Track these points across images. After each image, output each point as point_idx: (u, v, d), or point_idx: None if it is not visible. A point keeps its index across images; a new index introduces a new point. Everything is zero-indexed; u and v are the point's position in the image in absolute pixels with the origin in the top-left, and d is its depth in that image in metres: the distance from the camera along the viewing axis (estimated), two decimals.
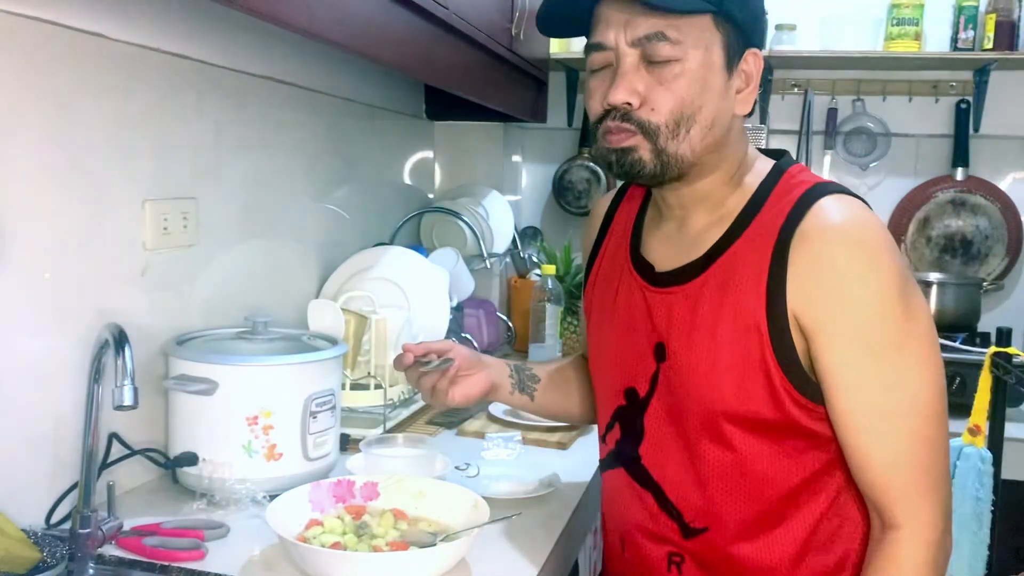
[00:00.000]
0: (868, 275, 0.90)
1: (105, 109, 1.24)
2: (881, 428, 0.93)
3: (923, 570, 0.93)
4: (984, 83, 2.46)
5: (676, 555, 1.04)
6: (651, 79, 0.94)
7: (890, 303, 0.90)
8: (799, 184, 0.97)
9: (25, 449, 1.14)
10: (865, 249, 0.90)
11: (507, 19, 1.98)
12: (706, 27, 0.93)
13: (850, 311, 0.90)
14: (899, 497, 0.93)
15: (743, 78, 0.98)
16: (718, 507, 1.00)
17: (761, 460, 0.97)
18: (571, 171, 2.76)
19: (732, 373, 0.95)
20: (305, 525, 1.14)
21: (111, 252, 1.27)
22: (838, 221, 0.91)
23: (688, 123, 0.94)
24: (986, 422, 1.57)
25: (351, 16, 1.25)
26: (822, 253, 0.90)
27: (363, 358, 1.70)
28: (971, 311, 2.31)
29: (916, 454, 0.93)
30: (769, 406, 0.94)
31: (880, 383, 0.92)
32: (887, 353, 0.91)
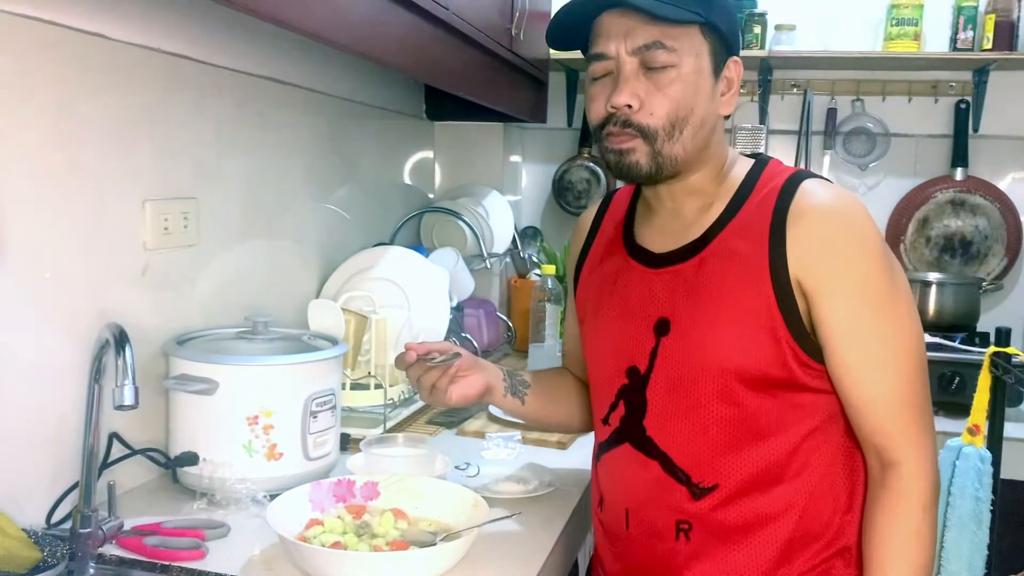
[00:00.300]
0: (858, 240, 1.03)
1: (105, 109, 1.24)
2: (879, 377, 1.03)
3: (925, 499, 1.04)
4: (983, 83, 2.46)
5: (684, 523, 1.09)
6: (649, 84, 1.04)
7: (877, 262, 1.03)
8: (780, 173, 1.10)
9: (26, 449, 1.14)
10: (853, 220, 1.04)
11: (507, 19, 1.98)
12: (696, 36, 1.04)
13: (846, 270, 1.02)
14: (899, 437, 1.03)
15: (726, 83, 1.09)
16: (726, 463, 1.07)
17: (764, 416, 1.05)
18: (571, 171, 2.77)
19: (741, 334, 1.04)
20: (305, 525, 1.14)
21: (111, 252, 1.27)
22: (828, 198, 1.04)
23: (682, 124, 1.05)
24: (985, 422, 1.57)
25: (351, 16, 1.26)
26: (819, 224, 1.03)
27: (363, 358, 1.70)
28: (970, 311, 2.31)
29: (910, 397, 1.04)
30: (775, 364, 1.04)
31: (877, 335, 1.03)
32: (880, 305, 1.03)
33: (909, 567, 1.03)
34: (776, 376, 1.04)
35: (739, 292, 1.04)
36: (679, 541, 1.09)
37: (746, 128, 2.59)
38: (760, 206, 1.06)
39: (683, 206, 1.12)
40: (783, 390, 1.05)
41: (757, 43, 2.49)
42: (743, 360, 1.04)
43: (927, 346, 1.08)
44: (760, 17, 2.50)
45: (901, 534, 1.04)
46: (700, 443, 1.07)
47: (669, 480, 1.09)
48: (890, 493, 1.04)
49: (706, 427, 1.07)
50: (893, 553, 1.03)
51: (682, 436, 1.08)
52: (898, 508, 1.04)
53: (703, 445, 1.07)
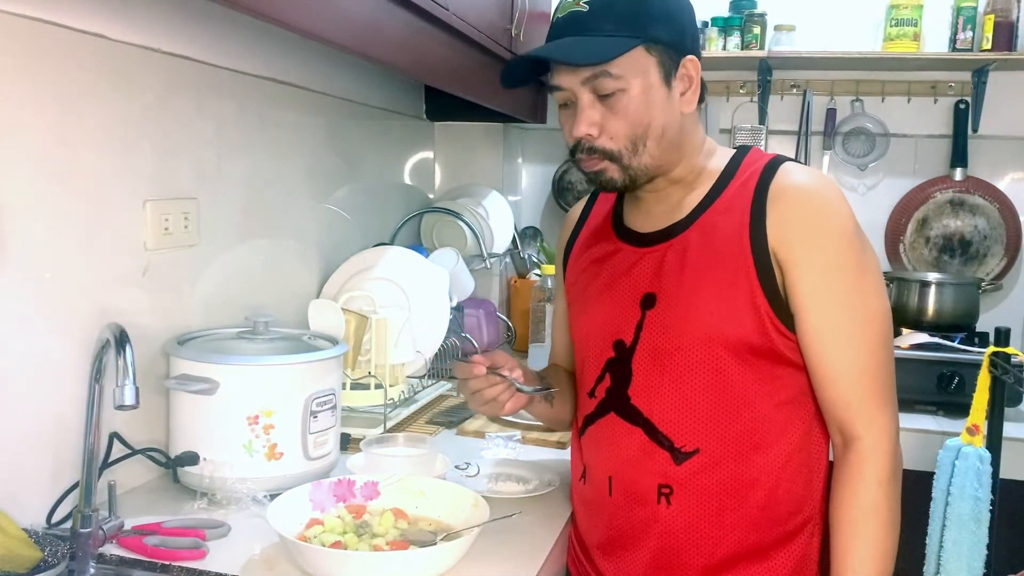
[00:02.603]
0: (831, 216, 1.09)
1: (106, 109, 1.24)
2: (844, 345, 1.09)
3: (881, 474, 1.08)
4: (983, 84, 2.46)
5: (666, 487, 1.14)
6: (605, 110, 1.10)
7: (849, 239, 1.09)
8: (760, 158, 1.17)
9: (26, 449, 1.14)
10: (828, 198, 1.11)
11: (507, 20, 1.98)
12: (639, 57, 1.09)
13: (818, 242, 1.08)
14: (859, 409, 1.09)
15: (685, 82, 1.13)
16: (707, 429, 1.12)
17: (744, 383, 1.11)
18: (571, 171, 2.77)
19: (722, 303, 1.10)
20: (306, 524, 1.14)
21: (112, 252, 1.27)
22: (806, 178, 1.12)
23: (643, 139, 1.11)
24: (984, 422, 1.57)
25: (351, 17, 1.26)
26: (796, 200, 1.10)
27: (363, 358, 1.70)
28: (970, 311, 2.31)
29: (873, 370, 1.09)
30: (755, 332, 1.10)
31: (844, 304, 1.09)
32: (848, 278, 1.09)
33: (867, 542, 1.07)
34: (755, 344, 1.10)
35: (721, 264, 1.10)
36: (660, 504, 1.14)
37: (745, 128, 2.59)
38: (742, 187, 1.13)
39: (668, 193, 1.19)
40: (762, 359, 1.11)
41: (757, 43, 2.49)
42: (724, 328, 1.10)
43: (926, 346, 1.10)
44: (760, 17, 2.51)
45: (859, 509, 1.08)
46: (682, 409, 1.13)
47: (652, 445, 1.14)
48: (849, 468, 1.09)
49: (688, 394, 1.12)
50: (852, 528, 1.08)
51: (665, 403, 1.13)
52: (856, 484, 1.08)
53: (685, 411, 1.12)
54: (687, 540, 1.13)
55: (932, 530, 1.56)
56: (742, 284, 1.09)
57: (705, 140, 1.20)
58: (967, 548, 1.52)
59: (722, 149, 1.21)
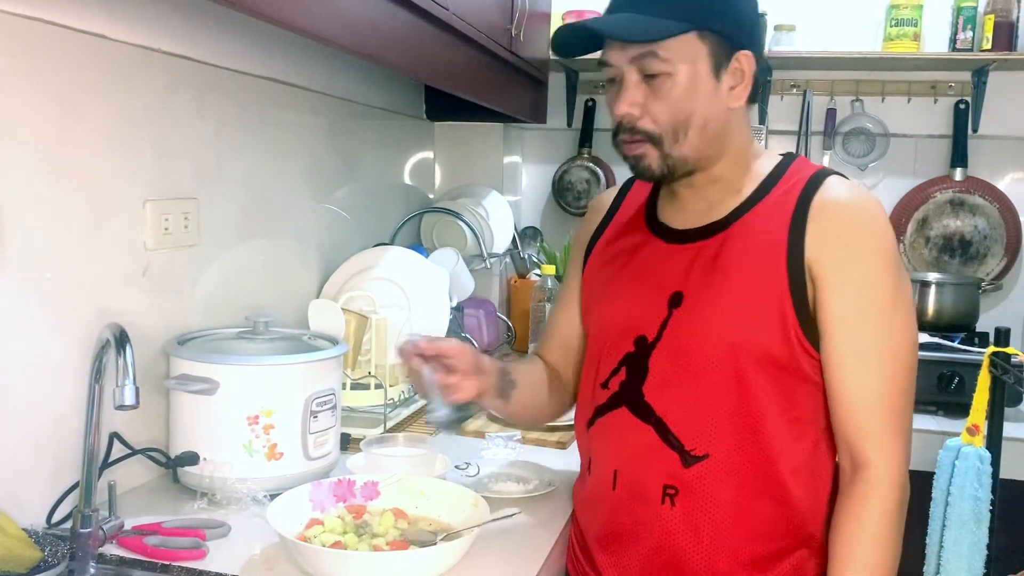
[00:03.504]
0: (874, 238, 1.08)
1: (106, 109, 1.24)
2: (868, 370, 1.07)
3: (888, 504, 1.07)
4: (983, 84, 2.47)
5: (671, 487, 1.12)
6: (649, 91, 1.09)
7: (888, 263, 1.08)
8: (806, 168, 1.15)
9: (26, 449, 1.14)
10: (872, 218, 1.09)
11: (507, 19, 1.98)
12: (691, 43, 1.07)
13: (856, 262, 1.07)
14: (872, 436, 1.07)
15: (737, 76, 1.11)
16: (719, 435, 1.10)
17: (762, 393, 1.09)
18: (571, 171, 2.77)
19: (750, 310, 1.09)
20: (306, 524, 1.14)
21: (112, 252, 1.27)
22: (851, 195, 1.11)
23: (684, 127, 1.09)
24: (984, 422, 1.57)
25: (351, 17, 1.26)
26: (839, 217, 1.08)
27: (363, 358, 1.70)
28: (970, 311, 2.31)
29: (892, 399, 1.08)
30: (779, 343, 1.08)
31: (874, 329, 1.07)
32: (881, 303, 1.07)
33: (866, 569, 1.05)
34: (778, 356, 1.08)
35: (754, 271, 1.09)
36: (664, 505, 1.12)
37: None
38: (785, 195, 1.12)
39: (707, 191, 1.16)
40: (782, 372, 1.09)
41: None
42: (749, 336, 1.08)
43: (926, 346, 1.10)
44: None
45: (861, 537, 1.06)
46: (696, 412, 1.11)
47: (662, 445, 1.12)
48: (855, 494, 1.07)
49: (704, 397, 1.10)
50: (852, 554, 1.06)
51: (679, 403, 1.12)
52: (861, 511, 1.06)
53: (699, 414, 1.11)
54: (687, 544, 1.12)
55: (932, 530, 1.56)
56: (773, 295, 1.08)
57: (752, 141, 1.18)
58: (967, 548, 1.52)
59: (769, 153, 1.19)
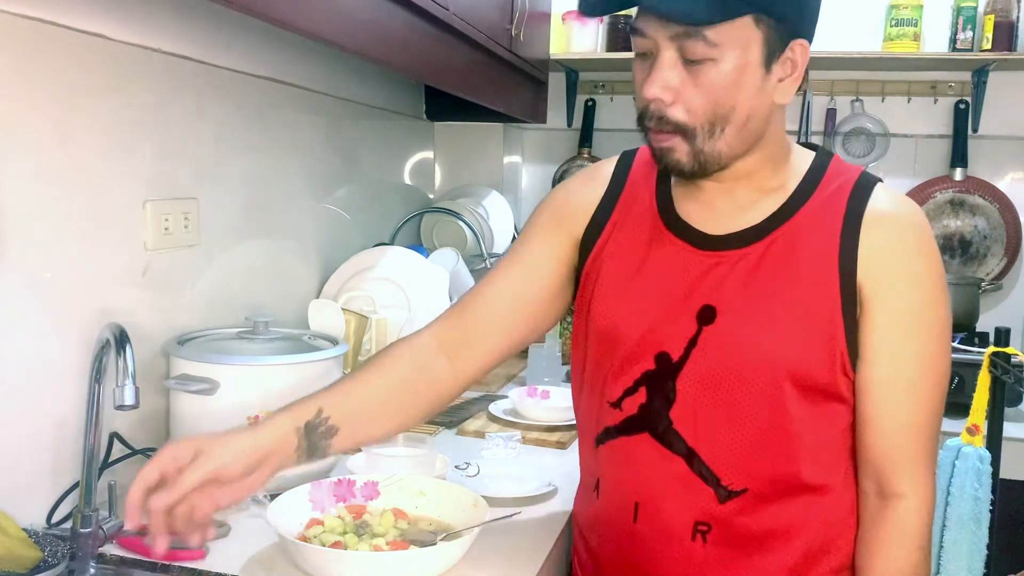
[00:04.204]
0: (929, 260, 1.00)
1: (106, 109, 1.24)
2: (907, 398, 1.00)
3: (922, 539, 1.02)
4: (983, 83, 2.47)
5: (703, 524, 1.03)
6: (687, 76, 0.93)
7: (939, 288, 1.01)
8: (847, 170, 1.04)
9: (26, 449, 1.14)
10: (927, 237, 1.01)
11: (507, 19, 1.98)
12: (746, 27, 0.92)
13: (911, 286, 0.99)
14: (907, 467, 1.01)
15: (788, 67, 0.97)
16: (759, 467, 1.01)
17: (801, 421, 1.01)
18: (571, 171, 2.76)
19: (797, 333, 0.99)
20: (306, 524, 1.14)
21: (112, 252, 1.27)
22: (905, 209, 1.02)
23: (723, 122, 0.95)
24: (984, 422, 1.57)
25: (351, 17, 1.26)
26: (895, 233, 0.99)
27: (363, 358, 1.70)
28: (970, 311, 2.31)
29: (927, 429, 1.02)
30: (823, 368, 0.99)
31: (920, 356, 1.00)
32: (926, 329, 1.00)
33: None
34: (820, 381, 1.00)
35: (802, 289, 0.99)
36: (695, 542, 1.03)
37: None
38: (830, 201, 1.01)
39: (735, 188, 1.03)
40: (821, 397, 1.01)
41: None
42: (795, 359, 0.99)
43: None
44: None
45: (894, 570, 1.01)
46: (735, 444, 1.01)
47: (694, 478, 1.02)
48: (888, 527, 1.01)
49: (743, 428, 1.00)
50: None
51: (716, 434, 1.01)
52: (897, 546, 1.01)
53: (738, 447, 1.01)
54: None
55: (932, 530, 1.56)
56: (823, 314, 0.98)
57: (785, 138, 1.05)
58: (967, 548, 1.52)
59: (797, 148, 1.07)
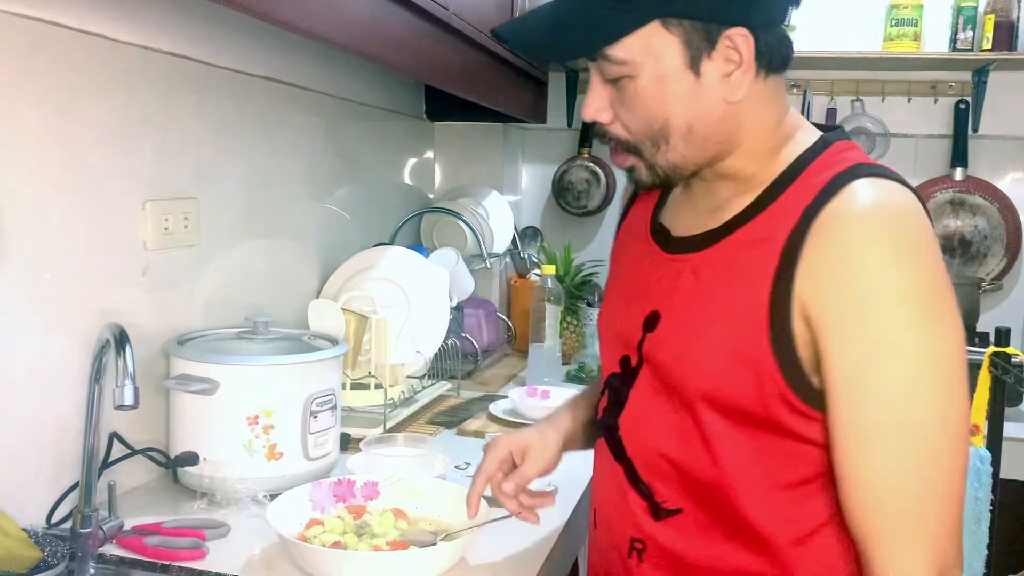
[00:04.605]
0: (885, 269, 0.77)
1: (105, 109, 1.24)
2: (873, 451, 0.79)
3: None
4: (983, 83, 2.47)
5: (639, 541, 0.94)
6: (616, 95, 0.87)
7: (906, 306, 0.77)
8: (840, 161, 0.85)
9: (26, 449, 1.14)
10: (887, 239, 0.78)
11: (507, 19, 1.98)
12: (653, 35, 0.83)
13: (859, 306, 0.78)
14: (879, 540, 0.79)
15: (730, 62, 0.84)
16: (690, 490, 0.90)
17: (738, 452, 0.86)
18: (571, 171, 2.77)
19: (721, 353, 0.85)
20: (306, 524, 1.14)
21: (112, 252, 1.27)
22: (863, 205, 0.80)
23: (663, 135, 0.86)
24: (985, 421, 1.57)
25: (351, 17, 1.26)
26: (836, 238, 0.79)
27: (363, 358, 1.70)
28: (970, 311, 2.31)
29: (909, 492, 0.78)
30: (749, 396, 0.84)
31: (882, 399, 0.78)
32: (896, 363, 0.78)
33: None
34: (750, 411, 0.84)
35: (733, 303, 0.85)
36: (631, 559, 0.95)
37: None
38: (795, 201, 0.84)
39: (716, 187, 0.93)
40: (761, 431, 0.85)
41: None
42: (714, 382, 0.86)
43: None
44: None
45: None
46: (665, 458, 0.91)
47: (631, 490, 0.95)
48: None
49: (675, 443, 0.90)
50: None
51: (650, 446, 0.93)
52: None
53: (668, 461, 0.91)
54: None
55: None
56: (747, 334, 0.83)
57: (783, 120, 0.90)
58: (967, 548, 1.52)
59: (806, 132, 0.90)
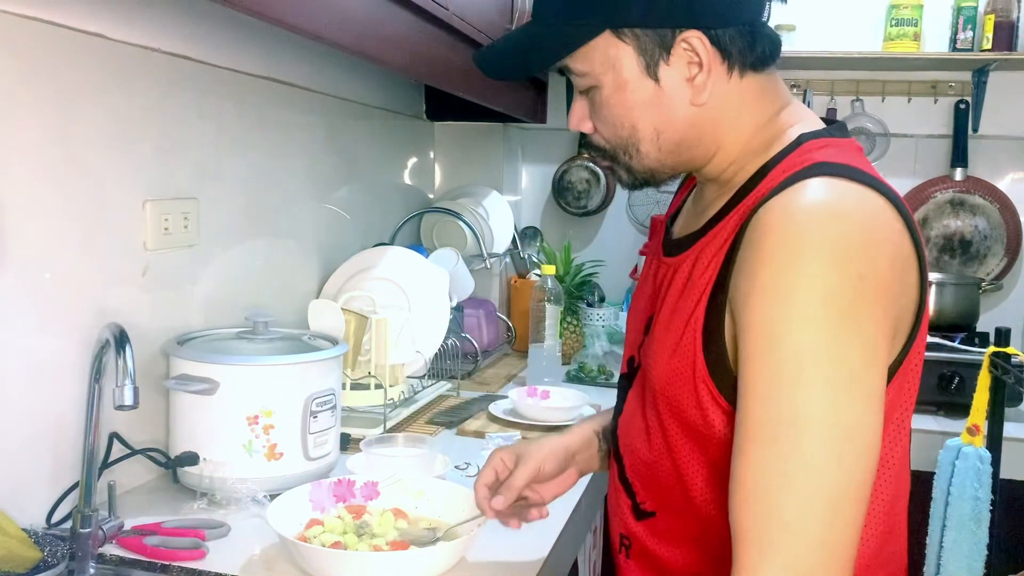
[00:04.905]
0: (792, 265, 0.74)
1: (105, 109, 1.24)
2: (745, 445, 0.75)
3: None
4: (983, 83, 2.47)
5: (626, 538, 0.99)
6: (591, 107, 0.91)
7: (804, 304, 0.73)
8: (805, 160, 0.82)
9: (26, 449, 1.14)
10: (805, 237, 0.74)
11: (507, 19, 1.98)
12: (608, 46, 0.86)
13: (759, 298, 0.76)
14: (741, 541, 0.75)
15: (691, 65, 0.85)
16: (663, 495, 0.92)
17: (689, 458, 0.87)
18: (571, 171, 2.77)
19: (669, 353, 0.86)
20: (305, 524, 1.14)
21: (112, 252, 1.27)
22: (797, 202, 0.77)
23: (632, 142, 0.89)
24: (985, 422, 1.57)
25: (351, 17, 1.26)
26: (759, 232, 0.77)
27: (363, 358, 1.70)
28: (970, 311, 2.31)
29: (772, 497, 0.73)
30: (690, 399, 0.84)
31: (760, 389, 0.75)
32: (779, 357, 0.74)
33: None
34: (691, 415, 0.84)
35: (684, 304, 0.86)
36: (620, 554, 1.01)
37: None
38: (752, 201, 0.84)
39: (705, 189, 0.95)
40: (704, 436, 0.84)
41: None
42: (668, 385, 0.87)
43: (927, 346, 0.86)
44: None
45: None
46: (643, 462, 0.94)
47: (621, 489, 0.99)
48: None
49: (649, 447, 0.92)
50: None
51: (634, 447, 0.96)
52: None
53: (644, 465, 0.93)
54: None
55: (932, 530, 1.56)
56: (687, 337, 0.84)
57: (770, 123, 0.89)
58: (967, 548, 1.52)
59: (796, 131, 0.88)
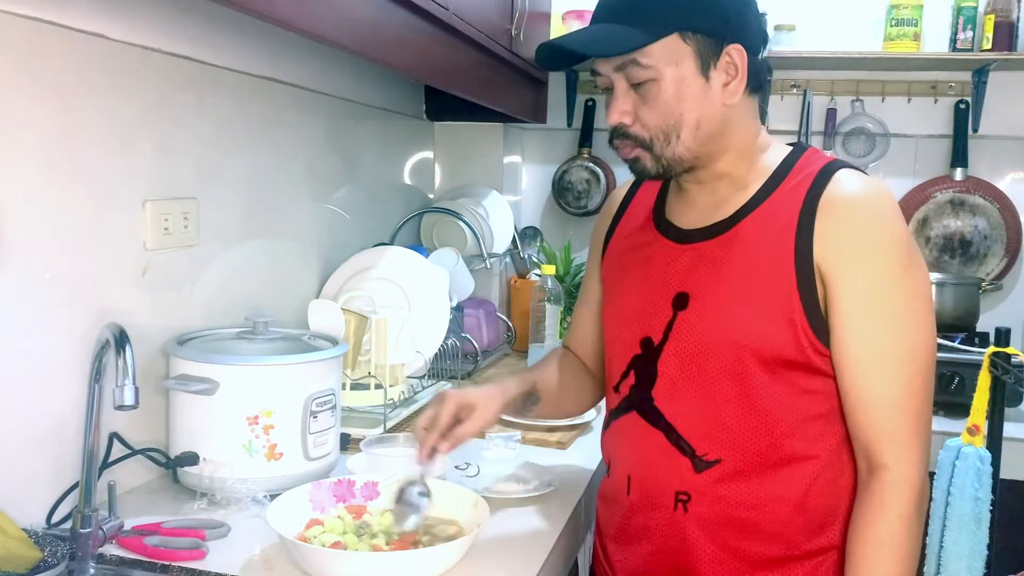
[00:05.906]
0: (882, 232, 1.05)
1: (106, 109, 1.24)
2: (882, 371, 1.04)
3: (903, 508, 1.03)
4: (983, 83, 2.47)
5: (683, 494, 1.11)
6: (637, 98, 1.08)
7: (900, 258, 1.04)
8: (816, 161, 1.11)
9: (26, 449, 1.14)
10: (880, 212, 1.06)
11: (507, 19, 1.98)
12: (673, 45, 1.06)
13: (867, 260, 1.03)
14: (889, 439, 1.04)
15: (730, 71, 1.08)
16: (731, 440, 1.09)
17: (774, 397, 1.07)
18: (571, 171, 2.77)
19: (759, 315, 1.06)
20: (305, 524, 1.14)
21: (112, 252, 1.27)
22: (859, 189, 1.06)
23: (675, 130, 1.08)
24: (985, 422, 1.57)
25: (351, 17, 1.26)
26: (846, 214, 1.05)
27: (363, 358, 1.70)
28: (970, 311, 2.31)
29: (908, 400, 1.04)
30: (790, 346, 1.06)
31: (888, 328, 1.04)
32: (893, 304, 1.04)
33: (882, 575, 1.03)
34: (790, 358, 1.06)
35: (762, 274, 1.07)
36: (677, 511, 1.12)
37: None
38: (793, 192, 1.09)
39: (714, 187, 1.14)
40: (796, 373, 1.07)
41: None
42: (758, 339, 1.06)
43: None
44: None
45: (875, 541, 1.04)
46: (706, 417, 1.10)
47: (672, 450, 1.11)
48: (871, 498, 1.05)
49: (714, 402, 1.09)
50: (867, 561, 1.04)
51: (689, 408, 1.11)
52: (877, 515, 1.04)
53: (709, 419, 1.09)
54: (701, 549, 1.11)
55: (932, 530, 1.56)
56: (780, 296, 1.06)
57: (760, 133, 1.15)
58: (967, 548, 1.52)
59: (778, 145, 1.16)
